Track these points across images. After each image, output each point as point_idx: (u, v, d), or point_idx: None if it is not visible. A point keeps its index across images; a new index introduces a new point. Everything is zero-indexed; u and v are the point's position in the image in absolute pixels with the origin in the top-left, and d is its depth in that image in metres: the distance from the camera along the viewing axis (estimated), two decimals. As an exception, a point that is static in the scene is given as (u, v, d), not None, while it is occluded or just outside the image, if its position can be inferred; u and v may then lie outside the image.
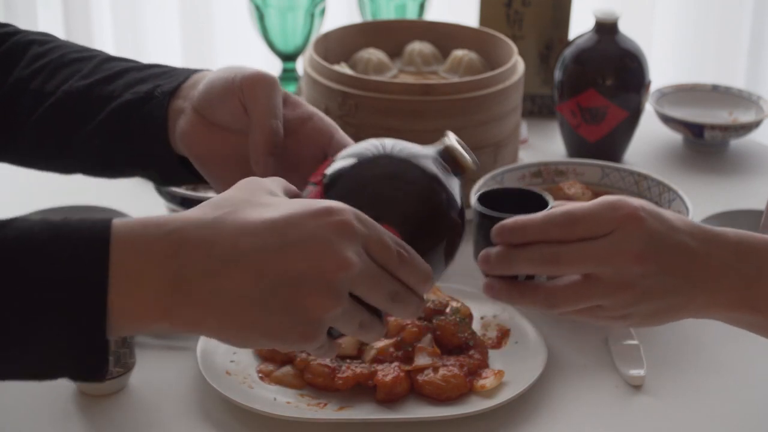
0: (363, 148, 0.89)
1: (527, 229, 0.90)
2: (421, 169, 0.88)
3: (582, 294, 0.91)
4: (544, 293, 0.91)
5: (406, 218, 0.86)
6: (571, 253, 0.89)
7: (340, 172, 0.87)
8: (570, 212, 0.90)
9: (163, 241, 0.76)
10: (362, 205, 0.82)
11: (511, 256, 0.90)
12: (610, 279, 0.90)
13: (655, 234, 0.90)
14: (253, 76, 0.98)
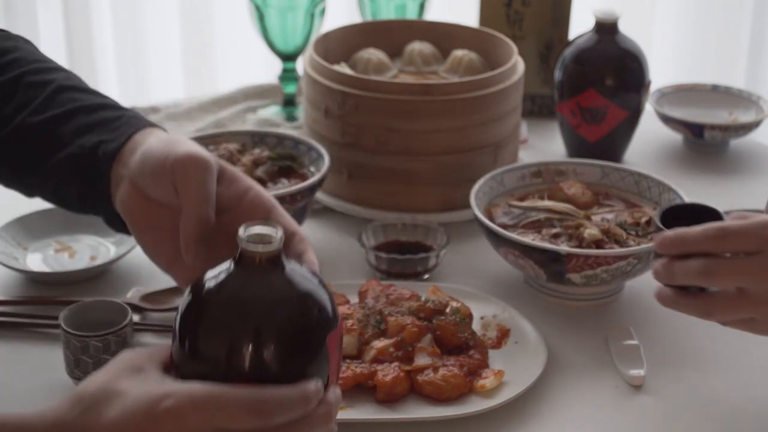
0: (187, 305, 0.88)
1: (685, 240, 0.99)
2: (245, 300, 0.85)
3: (733, 306, 0.99)
4: (703, 302, 1.01)
5: (269, 354, 0.84)
6: (724, 268, 0.98)
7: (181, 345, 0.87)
8: (724, 227, 0.99)
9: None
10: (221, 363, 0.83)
11: (673, 269, 1.00)
12: (761, 294, 0.98)
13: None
14: (185, 159, 0.95)
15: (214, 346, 0.85)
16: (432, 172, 1.42)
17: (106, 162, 1.02)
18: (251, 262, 0.86)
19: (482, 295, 1.25)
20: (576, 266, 1.20)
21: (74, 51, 2.74)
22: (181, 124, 1.72)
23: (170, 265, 0.98)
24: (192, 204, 0.95)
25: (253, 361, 0.84)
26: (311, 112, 1.47)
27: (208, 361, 0.85)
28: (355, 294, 1.23)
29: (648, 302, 1.29)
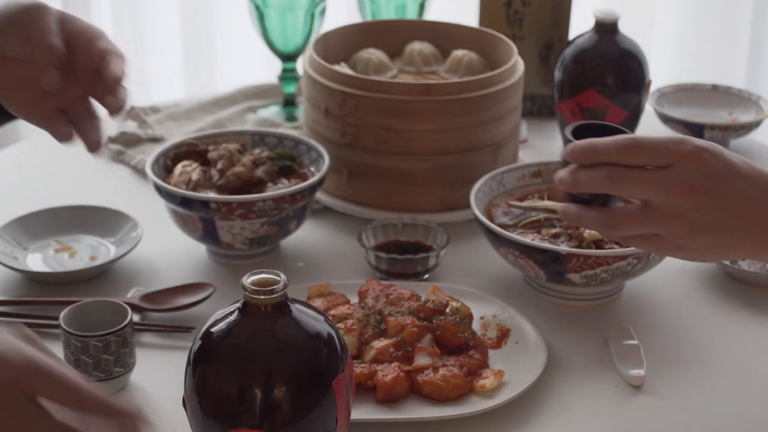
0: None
1: (596, 148, 0.97)
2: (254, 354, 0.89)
3: (637, 219, 0.97)
4: (607, 216, 0.99)
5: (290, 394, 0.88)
6: (630, 176, 0.96)
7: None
8: (636, 139, 0.97)
9: None
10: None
11: (578, 174, 0.98)
12: (664, 208, 0.96)
13: (714, 173, 0.96)
14: (28, 5, 1.11)
15: (223, 396, 0.88)
16: (432, 172, 1.42)
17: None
18: (256, 311, 0.88)
19: (482, 295, 1.25)
20: (576, 266, 1.20)
21: (74, 51, 2.73)
22: (181, 124, 1.72)
23: (35, 111, 1.11)
24: (41, 37, 1.10)
25: (261, 409, 0.87)
26: (311, 112, 1.47)
27: (218, 408, 0.89)
28: (355, 294, 1.23)
29: (648, 302, 1.29)
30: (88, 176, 1.58)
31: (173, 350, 1.18)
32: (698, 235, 0.97)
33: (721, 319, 1.27)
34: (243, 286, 0.89)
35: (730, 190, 0.96)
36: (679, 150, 0.96)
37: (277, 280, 0.89)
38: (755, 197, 0.97)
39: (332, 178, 1.44)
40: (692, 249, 0.99)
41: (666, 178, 0.96)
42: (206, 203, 1.27)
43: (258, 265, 1.33)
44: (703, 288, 1.32)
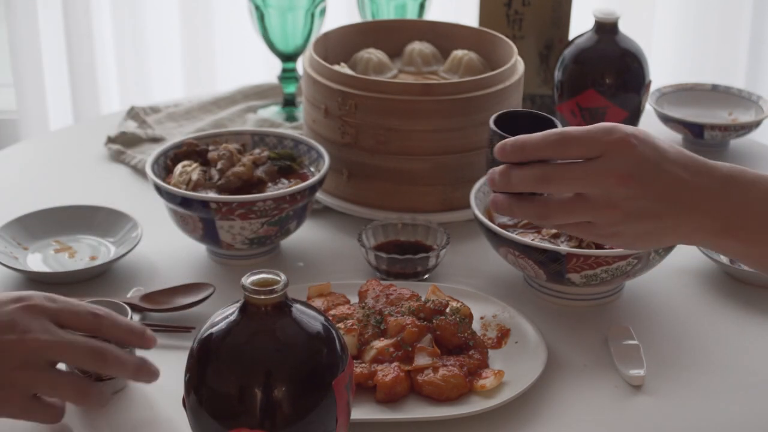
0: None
1: (526, 146, 0.98)
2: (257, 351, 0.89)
3: (571, 208, 0.98)
4: (539, 205, 0.99)
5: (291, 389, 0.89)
6: (562, 173, 0.97)
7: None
8: (565, 133, 0.98)
9: None
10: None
11: (511, 175, 0.99)
12: (597, 198, 0.97)
13: (644, 159, 0.97)
14: None
15: (223, 396, 0.88)
16: (432, 172, 1.42)
17: None
18: (256, 311, 0.88)
19: (482, 295, 1.25)
20: (576, 266, 1.20)
21: (74, 51, 2.74)
22: (181, 124, 1.72)
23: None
24: None
25: (261, 409, 0.87)
26: (311, 112, 1.47)
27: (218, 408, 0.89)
28: (355, 294, 1.23)
29: (648, 302, 1.29)
30: (88, 176, 1.58)
31: (173, 350, 1.18)
32: (632, 222, 0.98)
33: (721, 319, 1.27)
34: (243, 286, 0.89)
35: (660, 176, 0.97)
36: (608, 139, 0.97)
37: (277, 280, 0.89)
38: (685, 180, 0.98)
39: (332, 178, 1.44)
40: (627, 236, 1.00)
41: (597, 170, 0.97)
42: (206, 203, 1.27)
43: (258, 265, 1.33)
44: (703, 288, 1.32)
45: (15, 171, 1.61)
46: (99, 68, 2.76)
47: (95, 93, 2.79)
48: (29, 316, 0.95)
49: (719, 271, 1.34)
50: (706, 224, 0.99)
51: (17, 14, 2.68)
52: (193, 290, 1.26)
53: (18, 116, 2.83)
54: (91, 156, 1.63)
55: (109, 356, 0.97)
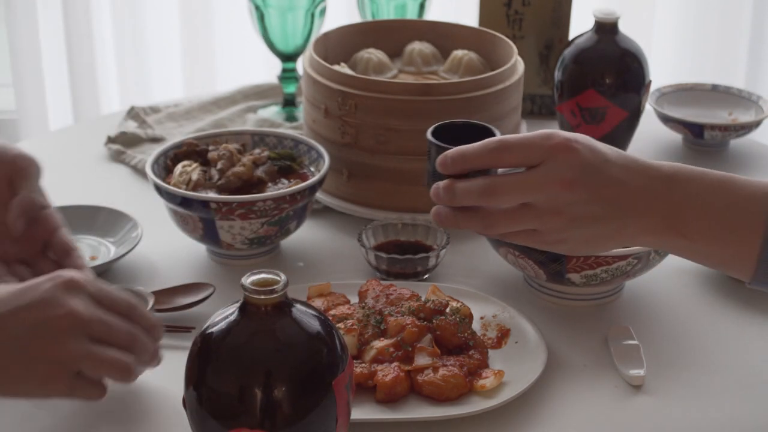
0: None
1: (466, 156, 0.98)
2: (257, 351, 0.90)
3: (515, 217, 0.98)
4: (483, 215, 0.99)
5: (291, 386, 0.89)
6: (506, 185, 0.97)
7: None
8: (504, 140, 0.98)
9: None
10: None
11: (455, 190, 0.99)
12: (542, 205, 0.97)
13: (586, 164, 0.97)
14: (27, 156, 1.11)
15: (223, 396, 0.88)
16: (432, 172, 1.42)
17: None
18: (256, 311, 0.88)
19: (482, 295, 1.25)
20: (576, 266, 1.20)
21: (74, 51, 2.74)
22: (181, 124, 1.72)
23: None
24: (28, 191, 1.10)
25: (261, 409, 0.87)
26: (311, 112, 1.47)
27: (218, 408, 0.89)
28: (355, 294, 1.23)
29: (648, 302, 1.29)
30: (88, 176, 1.58)
31: (173, 350, 1.18)
32: (577, 228, 0.98)
33: (721, 318, 1.27)
34: (243, 286, 0.89)
35: (603, 179, 0.97)
36: (548, 145, 0.97)
37: (277, 280, 0.89)
38: (628, 182, 0.98)
39: (332, 178, 1.44)
40: (572, 241, 1.00)
41: (540, 177, 0.97)
42: (206, 203, 1.27)
43: (258, 265, 1.33)
44: (703, 288, 1.32)
45: (15, 171, 1.61)
46: (99, 68, 2.76)
47: (95, 93, 2.79)
48: (69, 291, 0.94)
49: (719, 271, 1.34)
50: (650, 224, 0.99)
51: (17, 14, 2.68)
52: (193, 290, 1.26)
53: (18, 116, 2.83)
54: (91, 156, 1.63)
55: (140, 341, 0.98)
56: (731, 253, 1.00)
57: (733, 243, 0.99)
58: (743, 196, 1.00)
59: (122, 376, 0.96)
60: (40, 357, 0.92)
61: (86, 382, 0.95)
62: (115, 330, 0.96)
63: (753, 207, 0.99)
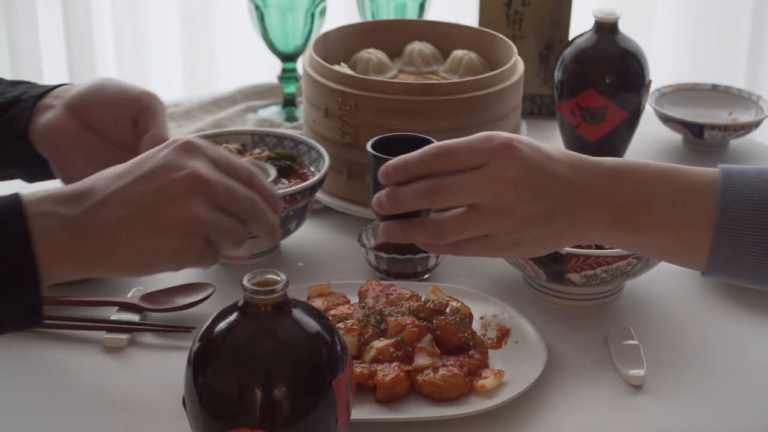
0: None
1: (408, 164, 0.97)
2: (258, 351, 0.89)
3: (464, 222, 0.97)
4: (432, 225, 0.98)
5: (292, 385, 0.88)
6: (450, 184, 0.96)
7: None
8: (445, 144, 0.97)
9: (60, 199, 0.90)
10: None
11: (398, 194, 0.97)
12: (490, 207, 0.96)
13: (529, 162, 0.97)
14: (151, 93, 1.11)
15: (223, 396, 0.88)
16: (432, 172, 1.42)
17: (29, 101, 1.12)
18: (256, 311, 0.88)
19: (482, 295, 1.25)
20: (576, 266, 1.20)
21: (74, 51, 2.74)
22: (181, 124, 1.72)
23: None
24: (157, 128, 1.09)
25: (261, 409, 0.87)
26: (311, 112, 1.47)
27: (218, 408, 0.88)
28: (355, 294, 1.23)
29: (648, 302, 1.29)
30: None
31: (173, 350, 1.18)
32: (529, 228, 0.98)
33: (721, 319, 1.27)
34: (243, 286, 0.89)
35: (548, 176, 0.97)
36: (490, 146, 0.97)
37: (277, 280, 0.89)
38: (574, 179, 0.98)
39: (332, 178, 1.44)
40: (525, 243, 0.99)
41: (484, 177, 0.96)
42: (206, 203, 1.26)
43: (258, 265, 1.33)
44: (703, 288, 1.32)
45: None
46: (99, 68, 2.76)
47: (95, 93, 2.79)
48: (188, 154, 0.91)
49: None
50: (599, 219, 0.99)
51: (17, 14, 2.68)
52: (193, 290, 1.26)
53: (18, 116, 2.83)
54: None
55: (261, 209, 0.94)
56: (683, 244, 1.00)
57: (683, 233, 0.99)
58: (689, 185, 1.00)
59: (238, 245, 0.93)
60: (170, 225, 0.89)
61: (211, 249, 0.92)
62: (237, 195, 0.92)
63: (700, 195, 0.99)
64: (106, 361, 1.17)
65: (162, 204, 0.89)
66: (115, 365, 1.17)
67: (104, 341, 1.19)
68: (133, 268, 0.92)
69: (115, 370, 1.16)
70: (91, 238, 0.90)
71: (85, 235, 0.90)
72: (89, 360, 1.17)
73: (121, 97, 1.11)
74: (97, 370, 1.16)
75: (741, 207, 0.98)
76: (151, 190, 0.90)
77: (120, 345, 1.18)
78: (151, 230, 0.90)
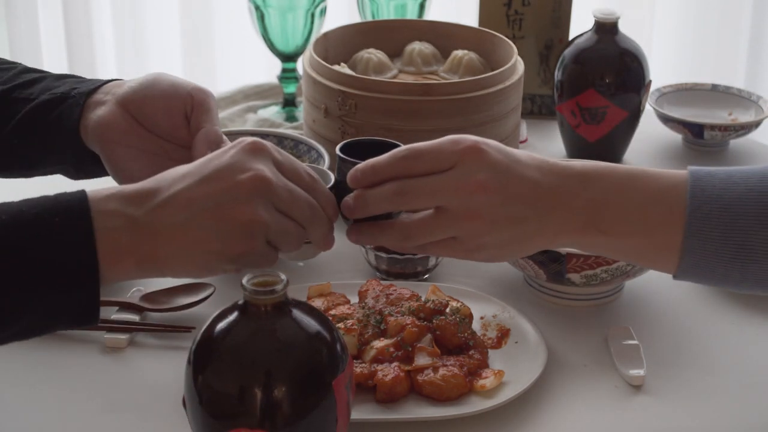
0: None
1: (376, 168, 0.97)
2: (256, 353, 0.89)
3: (432, 225, 0.97)
4: (399, 227, 0.98)
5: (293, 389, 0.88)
6: (418, 186, 0.96)
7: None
8: (413, 147, 0.97)
9: (125, 198, 0.91)
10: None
11: (366, 197, 0.97)
12: (458, 209, 0.96)
13: (497, 164, 0.96)
14: (204, 89, 1.11)
15: (223, 396, 0.88)
16: (432, 172, 1.42)
17: (80, 97, 1.12)
18: (256, 311, 0.88)
19: (482, 295, 1.25)
20: (576, 266, 1.20)
21: (74, 51, 2.74)
22: (181, 124, 1.71)
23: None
24: (211, 124, 1.09)
25: (261, 409, 0.87)
26: (311, 112, 1.47)
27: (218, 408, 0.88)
28: (355, 294, 1.23)
29: (648, 302, 1.29)
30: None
31: (173, 350, 1.18)
32: (496, 231, 0.97)
33: (721, 319, 1.27)
34: (243, 286, 0.89)
35: (516, 179, 0.97)
36: (457, 149, 0.96)
37: (277, 280, 0.89)
38: (542, 182, 0.98)
39: (332, 178, 1.44)
40: (492, 246, 0.98)
41: (452, 179, 0.96)
42: (206, 203, 1.26)
43: (258, 265, 1.33)
44: (703, 288, 1.32)
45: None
46: (99, 68, 2.76)
47: (95, 93, 2.79)
48: (254, 155, 0.92)
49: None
50: (568, 223, 0.98)
51: (17, 14, 2.68)
52: (193, 290, 1.26)
53: (18, 116, 2.83)
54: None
55: (319, 215, 0.95)
56: (653, 247, 1.00)
57: (653, 236, 0.99)
58: (658, 187, 0.99)
59: (295, 247, 0.94)
60: (234, 226, 0.90)
61: (271, 251, 0.94)
62: (299, 200, 0.93)
63: (670, 198, 0.98)
64: (106, 361, 1.17)
65: (226, 206, 0.90)
66: (115, 365, 1.17)
67: (104, 341, 1.19)
68: (195, 270, 0.93)
69: (115, 370, 1.16)
70: (154, 239, 0.90)
71: (148, 235, 0.90)
72: (89, 360, 1.17)
73: (174, 92, 1.11)
74: (97, 370, 1.16)
75: (710, 208, 0.97)
76: (215, 192, 0.90)
77: (120, 345, 1.18)
78: (215, 232, 0.90)
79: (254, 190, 0.90)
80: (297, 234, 0.94)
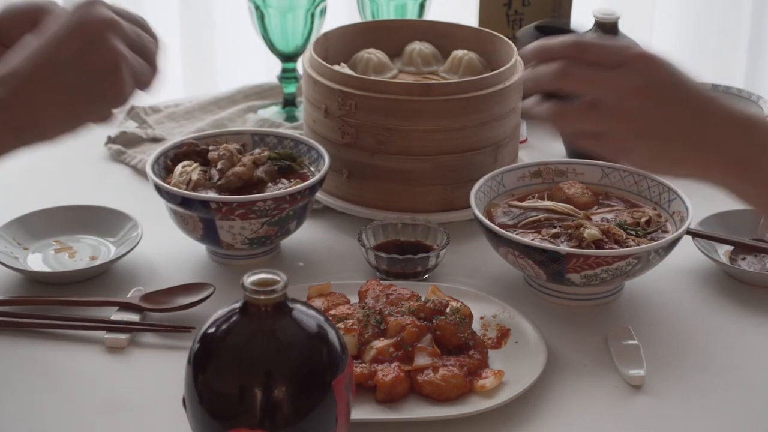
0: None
1: (545, 48, 1.01)
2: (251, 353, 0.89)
3: (585, 113, 0.99)
4: (556, 107, 1.01)
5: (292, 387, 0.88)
6: (581, 72, 0.99)
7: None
8: (582, 38, 1.01)
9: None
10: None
11: (536, 71, 1.01)
12: (611, 106, 0.98)
13: (660, 78, 0.99)
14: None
15: (223, 396, 0.88)
16: (432, 172, 1.42)
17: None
18: (256, 311, 0.88)
19: (482, 295, 1.25)
20: (576, 266, 1.20)
21: (74, 51, 2.73)
22: (181, 124, 1.72)
23: None
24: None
25: (261, 409, 0.87)
26: (311, 112, 1.47)
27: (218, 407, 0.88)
28: (355, 294, 1.23)
29: (648, 302, 1.29)
30: (88, 176, 1.58)
31: (173, 350, 1.18)
32: (642, 139, 0.99)
33: (721, 319, 1.27)
34: (243, 286, 0.89)
35: (675, 98, 0.99)
36: (626, 53, 0.99)
37: (277, 280, 0.89)
38: (701, 111, 0.99)
39: (332, 178, 1.44)
40: (637, 154, 1.00)
41: (613, 77, 0.98)
42: (206, 203, 1.27)
43: (258, 265, 1.33)
44: (703, 288, 1.32)
45: (15, 171, 1.61)
46: (99, 68, 2.76)
47: (95, 93, 2.79)
48: (92, 7, 0.97)
49: (719, 271, 1.34)
50: (720, 161, 0.99)
51: (17, 14, 2.68)
52: (193, 290, 1.26)
53: (18, 116, 2.82)
54: (91, 156, 1.63)
55: (156, 53, 1.05)
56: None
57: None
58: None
59: (149, 82, 1.03)
60: (102, 67, 0.96)
61: (132, 85, 1.00)
62: (142, 36, 1.01)
63: None
64: (106, 361, 1.17)
65: (89, 53, 0.96)
66: (116, 365, 1.17)
67: (104, 341, 1.19)
68: (76, 122, 0.98)
69: (116, 369, 1.16)
70: (32, 113, 0.95)
71: (22, 111, 0.95)
72: (89, 360, 1.17)
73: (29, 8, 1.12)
74: (98, 369, 1.16)
75: None
76: (75, 48, 0.95)
77: (120, 345, 1.19)
78: (87, 81, 0.96)
79: (107, 30, 0.96)
80: (148, 68, 1.02)
